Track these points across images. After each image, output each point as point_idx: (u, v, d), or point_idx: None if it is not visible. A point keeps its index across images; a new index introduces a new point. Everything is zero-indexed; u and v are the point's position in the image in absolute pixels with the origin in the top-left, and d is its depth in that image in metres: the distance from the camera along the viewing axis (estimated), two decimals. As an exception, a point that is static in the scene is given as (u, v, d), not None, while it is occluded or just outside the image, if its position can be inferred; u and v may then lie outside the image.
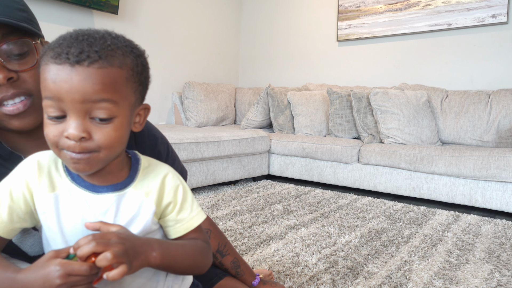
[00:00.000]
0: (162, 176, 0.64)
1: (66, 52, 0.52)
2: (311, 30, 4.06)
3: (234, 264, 1.00)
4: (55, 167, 0.60)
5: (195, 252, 0.65)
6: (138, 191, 0.62)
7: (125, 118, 0.57)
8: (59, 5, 2.95)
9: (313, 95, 3.42)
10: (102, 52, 0.53)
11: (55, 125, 0.54)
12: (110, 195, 0.60)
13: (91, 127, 0.53)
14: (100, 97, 0.53)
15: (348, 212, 2.26)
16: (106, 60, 0.53)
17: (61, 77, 0.52)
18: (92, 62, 0.52)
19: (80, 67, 0.52)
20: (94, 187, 0.60)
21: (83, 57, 0.52)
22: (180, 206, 0.65)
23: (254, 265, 1.47)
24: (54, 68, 0.52)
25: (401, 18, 3.44)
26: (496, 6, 2.97)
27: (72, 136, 0.52)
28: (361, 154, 2.79)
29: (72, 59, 0.52)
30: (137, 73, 0.58)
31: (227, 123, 3.97)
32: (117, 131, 0.55)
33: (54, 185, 0.59)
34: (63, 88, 0.51)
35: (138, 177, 0.63)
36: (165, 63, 3.82)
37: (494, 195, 2.29)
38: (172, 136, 2.45)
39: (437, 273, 1.43)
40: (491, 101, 2.77)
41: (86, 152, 0.54)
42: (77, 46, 0.52)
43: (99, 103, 0.53)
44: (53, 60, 0.53)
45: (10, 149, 0.73)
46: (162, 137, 0.88)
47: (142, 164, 0.65)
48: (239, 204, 2.38)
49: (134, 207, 0.61)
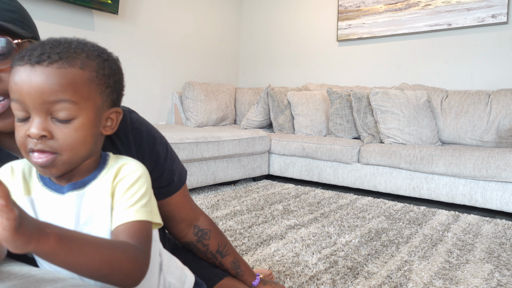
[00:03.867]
0: (118, 165, 0.61)
1: (29, 54, 0.54)
2: (311, 30, 4.06)
3: (234, 264, 1.00)
4: (29, 173, 0.61)
5: (115, 252, 0.52)
6: (98, 188, 0.60)
7: (87, 119, 0.56)
8: (59, 5, 2.95)
9: (313, 95, 3.42)
10: (64, 53, 0.54)
11: (22, 126, 0.55)
12: (71, 194, 0.59)
13: (53, 127, 0.54)
14: (58, 97, 0.53)
15: (348, 212, 2.26)
16: (66, 61, 0.54)
17: (21, 78, 0.53)
18: (52, 63, 0.53)
19: (40, 67, 0.53)
20: (60, 188, 0.59)
21: (43, 58, 0.53)
22: (124, 192, 0.58)
23: (254, 265, 1.47)
24: (17, 70, 0.54)
25: (401, 18, 3.44)
26: (496, 6, 2.97)
27: (33, 135, 0.53)
28: (361, 154, 2.79)
29: (33, 60, 0.53)
30: (102, 76, 0.58)
31: (227, 123, 3.97)
32: (78, 132, 0.55)
33: (28, 188, 0.60)
34: (24, 89, 0.53)
35: (101, 175, 0.61)
36: (165, 63, 3.82)
37: (494, 195, 2.29)
38: (172, 136, 2.45)
39: (437, 273, 1.43)
40: (491, 101, 2.77)
41: (48, 154, 0.54)
42: (39, 49, 0.54)
43: (58, 104, 0.53)
44: (17, 62, 0.54)
45: (7, 151, 0.73)
46: (161, 137, 0.88)
47: (109, 162, 0.63)
48: (239, 204, 2.38)
49: (94, 204, 0.59)
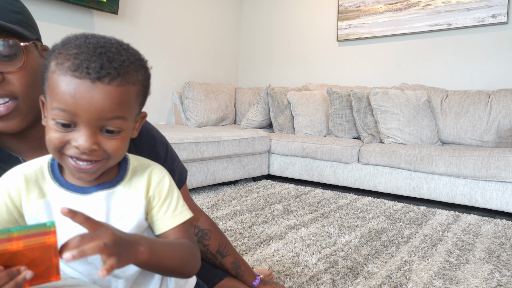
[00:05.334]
0: (149, 171, 0.65)
1: (87, 66, 0.52)
2: (311, 30, 4.06)
3: (235, 264, 1.00)
4: (42, 175, 0.60)
5: (183, 251, 0.62)
6: (128, 188, 0.62)
7: (129, 130, 0.59)
8: (59, 5, 2.95)
9: (313, 95, 3.42)
10: (121, 68, 0.54)
11: (62, 132, 0.54)
12: (100, 194, 0.60)
13: (100, 138, 0.55)
14: (115, 114, 0.54)
15: (348, 212, 2.26)
16: (123, 77, 0.54)
17: (80, 93, 0.52)
18: (112, 80, 0.53)
19: (101, 84, 0.52)
20: (83, 189, 0.60)
21: (103, 74, 0.52)
22: (164, 200, 0.64)
23: (254, 265, 1.47)
24: (73, 82, 0.52)
25: (401, 18, 3.44)
26: (496, 6, 2.97)
27: (83, 148, 0.53)
28: (361, 154, 2.79)
29: (93, 75, 0.52)
30: (145, 87, 0.60)
31: (227, 123, 3.97)
32: (123, 142, 0.58)
33: (43, 192, 0.59)
34: (82, 104, 0.52)
35: (128, 175, 0.63)
36: (165, 63, 3.82)
37: (494, 195, 2.29)
38: (172, 136, 2.45)
39: (437, 273, 1.43)
40: (491, 101, 2.77)
41: (93, 161, 0.55)
42: (97, 61, 0.52)
43: (112, 120, 0.54)
44: (71, 72, 0.52)
45: (7, 151, 0.73)
46: (161, 137, 0.88)
47: (131, 163, 0.65)
48: (239, 204, 2.38)
49: (125, 203, 0.62)
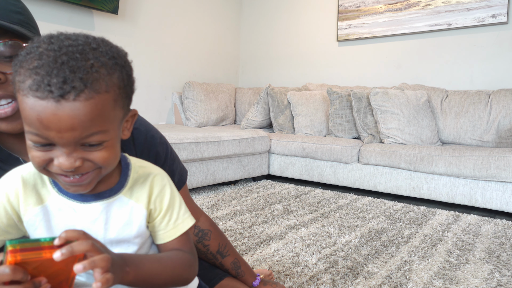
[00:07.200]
0: (150, 179, 0.63)
1: (48, 83, 0.46)
2: (311, 30, 4.06)
3: (235, 265, 1.00)
4: (41, 179, 0.58)
5: (175, 265, 0.61)
6: (128, 197, 0.60)
7: (115, 138, 0.54)
8: (59, 5, 2.95)
9: (313, 95, 3.42)
10: (87, 78, 0.47)
11: (42, 151, 0.50)
12: (98, 204, 0.58)
13: (83, 153, 0.51)
14: (91, 132, 0.49)
15: (348, 212, 2.26)
16: (92, 87, 0.48)
17: (47, 116, 0.46)
18: (78, 94, 0.47)
19: (66, 102, 0.46)
20: (82, 196, 0.58)
21: (67, 89, 0.46)
22: (165, 212, 0.62)
23: (254, 265, 1.47)
24: (37, 105, 0.46)
25: (401, 18, 3.44)
26: (496, 6, 2.97)
27: (65, 167, 0.50)
28: (361, 154, 2.79)
29: (56, 93, 0.46)
30: (123, 88, 0.53)
31: (227, 123, 3.97)
32: (110, 150, 0.53)
33: (41, 198, 0.58)
34: (51, 128, 0.47)
35: (128, 183, 0.61)
36: (165, 63, 3.82)
37: (494, 195, 2.29)
38: (172, 136, 2.45)
39: (437, 273, 1.43)
40: (491, 101, 2.77)
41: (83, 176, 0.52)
42: (59, 74, 0.46)
43: (90, 137, 0.50)
44: (33, 92, 0.46)
45: (7, 151, 0.73)
46: (161, 137, 0.88)
47: (133, 169, 0.62)
48: (239, 204, 2.38)
49: (125, 213, 0.60)
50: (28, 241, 0.47)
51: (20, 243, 0.46)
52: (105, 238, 0.59)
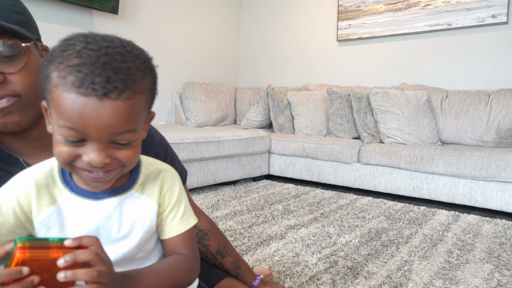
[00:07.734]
0: (161, 175, 0.65)
1: (92, 81, 0.48)
2: (311, 30, 4.06)
3: (235, 265, 1.00)
4: (52, 179, 0.59)
5: (173, 273, 0.62)
6: (141, 192, 0.63)
7: (140, 137, 0.57)
8: (59, 5, 2.95)
9: (313, 95, 3.42)
10: (128, 79, 0.51)
11: (71, 146, 0.52)
12: (112, 200, 0.60)
13: (112, 151, 0.53)
14: (125, 129, 0.52)
15: (348, 212, 2.26)
16: (131, 89, 0.51)
17: (88, 112, 0.49)
18: (120, 94, 0.50)
19: (109, 100, 0.49)
20: (94, 194, 0.59)
21: (110, 88, 0.49)
22: (173, 206, 0.65)
23: (254, 265, 1.47)
24: (79, 100, 0.49)
25: (401, 18, 3.44)
26: (496, 6, 2.97)
27: (96, 163, 0.52)
28: (361, 154, 2.79)
29: (100, 91, 0.48)
30: (153, 91, 0.57)
31: (227, 123, 3.97)
32: (136, 150, 0.56)
33: (54, 198, 0.59)
34: (91, 123, 0.49)
35: (140, 178, 0.63)
36: (165, 63, 3.82)
37: (494, 195, 2.29)
38: (172, 136, 2.45)
39: (437, 273, 1.43)
40: (491, 101, 2.77)
41: (108, 172, 0.54)
42: (103, 74, 0.49)
43: (123, 134, 0.53)
44: (76, 89, 0.48)
45: (7, 152, 0.73)
46: (161, 137, 0.88)
47: (144, 165, 0.64)
48: (239, 204, 2.38)
49: (138, 208, 0.62)
50: (36, 239, 0.48)
51: (30, 240, 0.47)
52: (119, 233, 0.60)
